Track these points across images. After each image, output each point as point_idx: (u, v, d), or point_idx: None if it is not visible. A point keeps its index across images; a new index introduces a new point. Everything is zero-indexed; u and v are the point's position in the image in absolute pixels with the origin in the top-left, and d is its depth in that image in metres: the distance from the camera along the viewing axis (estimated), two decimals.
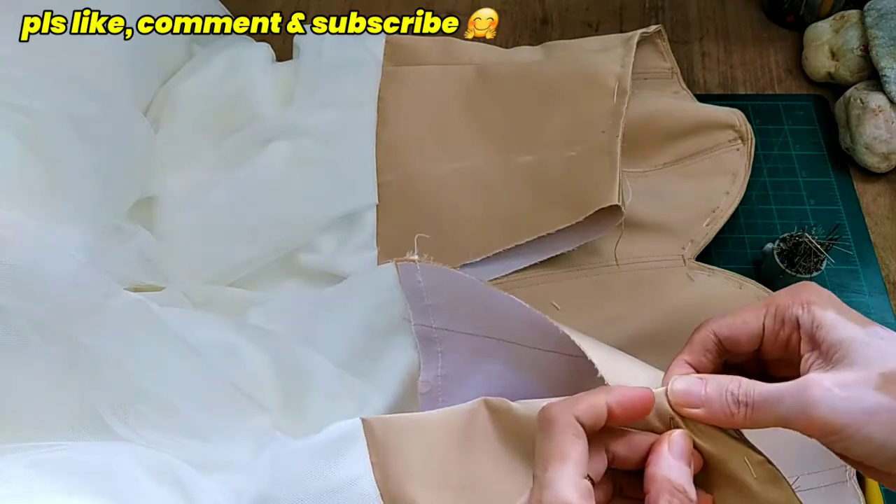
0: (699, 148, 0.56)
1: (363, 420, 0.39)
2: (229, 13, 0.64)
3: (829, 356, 0.30)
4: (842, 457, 0.30)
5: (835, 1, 0.64)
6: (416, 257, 0.42)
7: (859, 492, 0.43)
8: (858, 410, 0.28)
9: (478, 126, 0.56)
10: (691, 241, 0.53)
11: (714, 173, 0.55)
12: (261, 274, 0.53)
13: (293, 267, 0.53)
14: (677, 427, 0.32)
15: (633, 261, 0.52)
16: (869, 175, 0.58)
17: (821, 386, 0.29)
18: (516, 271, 0.52)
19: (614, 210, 0.48)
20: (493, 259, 0.52)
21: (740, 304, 0.48)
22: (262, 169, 0.54)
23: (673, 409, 0.32)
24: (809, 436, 0.30)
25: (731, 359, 0.35)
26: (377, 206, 0.54)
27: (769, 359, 0.34)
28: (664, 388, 0.33)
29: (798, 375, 0.31)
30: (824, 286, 0.51)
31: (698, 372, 0.34)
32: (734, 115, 0.56)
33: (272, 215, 0.52)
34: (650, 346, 0.47)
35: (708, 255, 0.53)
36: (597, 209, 0.48)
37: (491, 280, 0.52)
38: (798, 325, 0.32)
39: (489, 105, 0.57)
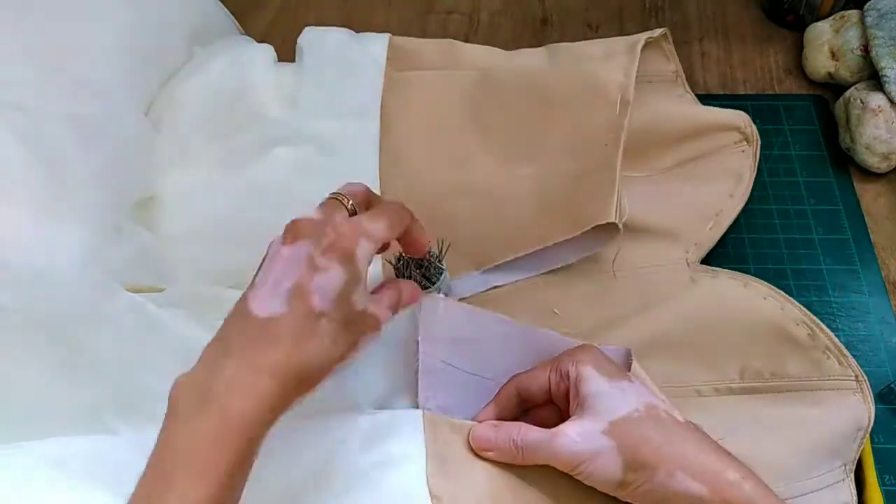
0: (704, 151, 0.56)
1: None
2: (229, 13, 0.64)
3: (582, 405, 0.39)
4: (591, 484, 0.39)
5: (835, 1, 0.64)
6: (441, 295, 0.45)
7: (854, 491, 0.44)
8: (588, 452, 0.37)
9: (480, 136, 0.56)
10: (695, 244, 0.53)
11: (718, 176, 0.55)
12: None
13: None
14: None
15: (636, 266, 0.52)
16: (869, 175, 0.58)
17: (566, 435, 0.38)
18: (514, 282, 0.52)
19: (613, 225, 0.48)
20: (493, 269, 0.52)
21: (746, 305, 0.49)
22: (265, 174, 0.54)
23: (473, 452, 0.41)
24: (563, 470, 0.38)
25: (532, 406, 0.43)
26: None
27: (562, 407, 0.41)
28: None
29: None
30: (824, 287, 0.52)
31: (504, 419, 0.42)
32: (739, 117, 0.56)
33: (274, 221, 0.52)
34: (656, 350, 0.48)
35: (708, 256, 0.53)
36: (594, 225, 0.48)
37: (492, 288, 0.52)
38: (569, 378, 0.40)
39: (492, 114, 0.56)
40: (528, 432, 0.39)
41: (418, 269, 0.46)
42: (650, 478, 0.36)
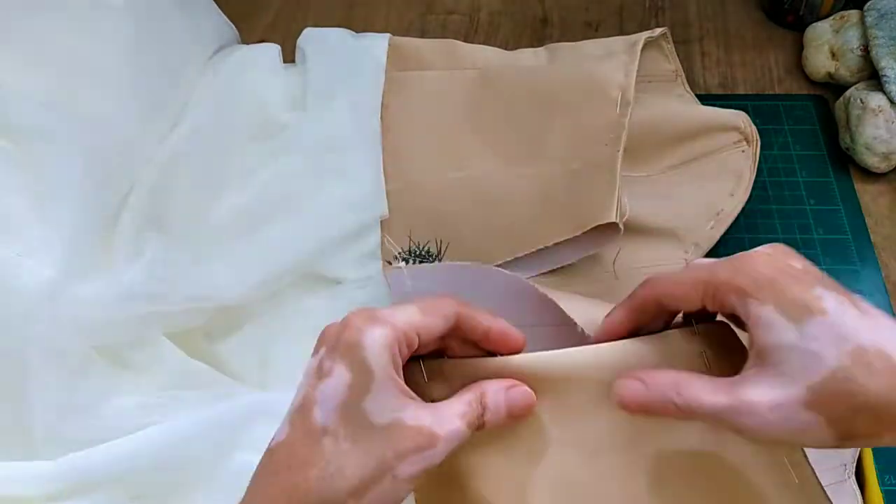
0: (703, 151, 0.56)
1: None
2: (227, 20, 0.64)
3: (762, 359, 0.29)
4: None
5: (835, 1, 0.64)
6: (402, 264, 0.42)
7: (857, 491, 0.44)
8: (788, 431, 0.28)
9: (481, 136, 0.56)
10: (695, 244, 0.53)
11: (718, 175, 0.55)
12: None
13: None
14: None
15: (636, 267, 0.52)
16: (869, 175, 0.58)
17: (755, 410, 0.28)
18: None
19: (614, 225, 0.48)
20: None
21: None
22: (273, 178, 0.54)
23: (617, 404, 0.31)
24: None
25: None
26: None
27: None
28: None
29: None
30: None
31: (636, 325, 0.34)
32: (739, 117, 0.56)
33: (282, 232, 0.52)
34: None
35: (708, 256, 0.53)
36: (595, 225, 0.48)
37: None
38: (735, 316, 0.31)
39: (492, 114, 0.56)
40: (692, 391, 0.29)
41: None
42: (872, 443, 0.28)
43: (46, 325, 0.41)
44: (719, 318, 0.34)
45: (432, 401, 0.31)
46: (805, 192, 0.57)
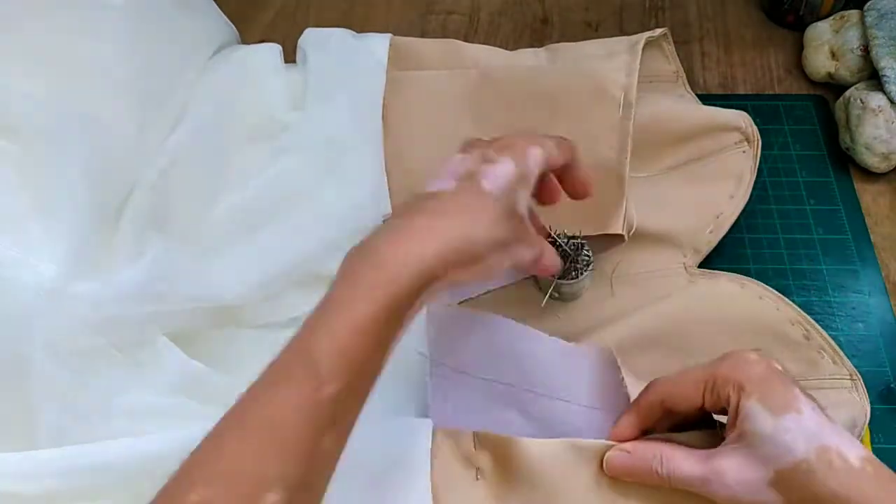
0: (704, 151, 0.56)
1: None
2: (227, 20, 0.64)
3: (741, 439, 0.34)
4: None
5: (835, 1, 0.64)
6: (447, 301, 0.45)
7: None
8: (750, 503, 0.33)
9: (483, 134, 0.56)
10: (694, 249, 0.53)
11: (719, 176, 0.55)
12: None
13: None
14: None
15: (635, 271, 0.52)
16: (869, 175, 0.58)
17: (724, 481, 0.34)
18: (519, 281, 0.52)
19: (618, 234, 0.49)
20: None
21: (741, 305, 0.49)
22: (275, 178, 0.54)
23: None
24: None
25: (678, 418, 0.39)
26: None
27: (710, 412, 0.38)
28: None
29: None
30: (824, 287, 0.52)
31: (644, 428, 0.38)
32: (740, 117, 0.56)
33: (283, 232, 0.52)
34: (650, 347, 0.48)
35: (708, 256, 0.53)
36: (600, 234, 0.49)
37: (492, 290, 0.52)
38: (728, 404, 0.35)
39: (494, 113, 0.56)
40: (673, 462, 0.35)
41: (564, 258, 0.47)
42: None
43: (48, 324, 0.41)
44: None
45: (477, 468, 0.39)
46: (805, 192, 0.57)
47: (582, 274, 0.49)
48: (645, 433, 0.38)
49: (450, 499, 0.38)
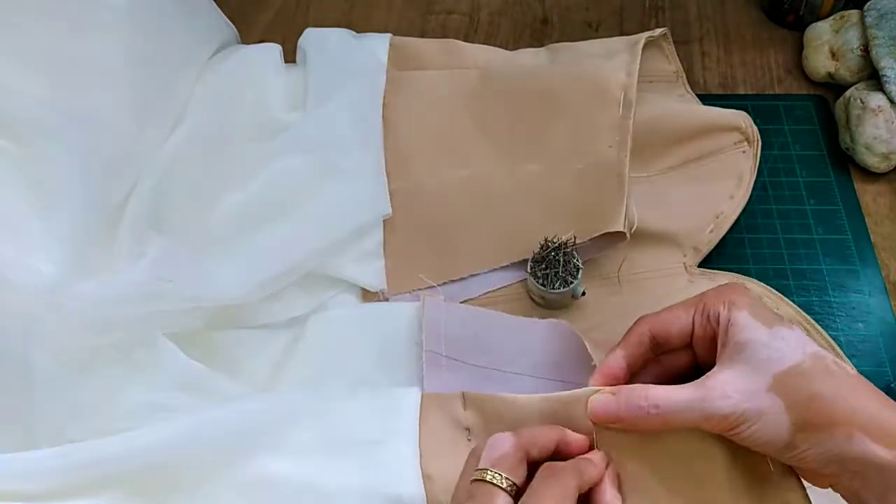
0: (704, 151, 0.56)
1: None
2: (227, 20, 0.64)
3: (734, 355, 0.33)
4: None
5: (835, 1, 0.64)
6: (441, 297, 0.45)
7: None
8: (752, 412, 0.32)
9: (483, 133, 0.56)
10: (694, 248, 0.53)
11: (719, 176, 0.55)
12: None
13: None
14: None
15: (635, 271, 0.52)
16: (869, 175, 0.58)
17: (724, 394, 0.32)
18: (519, 281, 0.52)
19: (620, 232, 0.49)
20: (497, 271, 0.52)
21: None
22: (275, 178, 0.54)
23: (595, 425, 0.35)
24: (715, 432, 0.33)
25: (666, 351, 0.38)
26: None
27: (699, 352, 0.37)
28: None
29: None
30: (824, 287, 0.52)
31: (633, 364, 0.37)
32: (740, 117, 0.56)
33: (283, 231, 0.52)
34: None
35: (707, 256, 0.53)
36: (601, 233, 0.49)
37: (494, 290, 0.52)
38: (718, 322, 0.35)
39: (494, 111, 0.56)
40: (662, 392, 0.33)
41: (553, 267, 0.48)
42: (824, 439, 0.31)
43: (48, 324, 0.41)
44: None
45: (467, 429, 0.40)
46: (805, 192, 0.57)
47: (568, 285, 0.48)
48: (633, 374, 0.38)
49: (442, 464, 0.39)
